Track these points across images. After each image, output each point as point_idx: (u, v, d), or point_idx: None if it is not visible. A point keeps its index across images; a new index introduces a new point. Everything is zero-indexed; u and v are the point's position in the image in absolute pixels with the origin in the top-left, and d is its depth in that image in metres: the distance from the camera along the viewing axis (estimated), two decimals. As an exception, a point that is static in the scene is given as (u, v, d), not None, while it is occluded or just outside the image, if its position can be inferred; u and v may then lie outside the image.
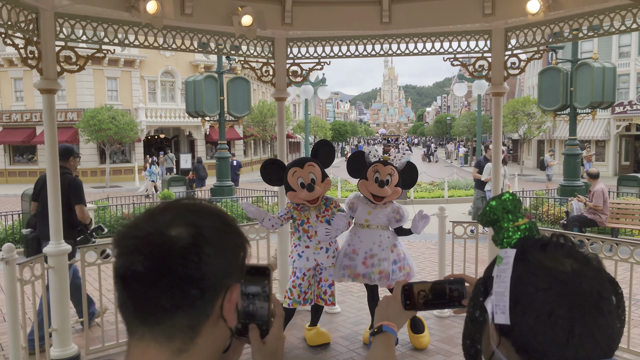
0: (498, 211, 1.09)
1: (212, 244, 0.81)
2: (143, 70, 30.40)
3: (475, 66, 5.46)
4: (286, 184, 4.58)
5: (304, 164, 4.56)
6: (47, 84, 4.32)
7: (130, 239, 0.80)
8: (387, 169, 4.51)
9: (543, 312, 0.82)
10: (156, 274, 0.77)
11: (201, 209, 0.86)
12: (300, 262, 4.61)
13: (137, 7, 4.23)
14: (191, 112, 14.08)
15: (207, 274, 0.80)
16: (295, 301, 4.58)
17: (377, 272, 4.48)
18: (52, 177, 4.40)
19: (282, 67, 5.68)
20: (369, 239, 4.55)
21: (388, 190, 4.45)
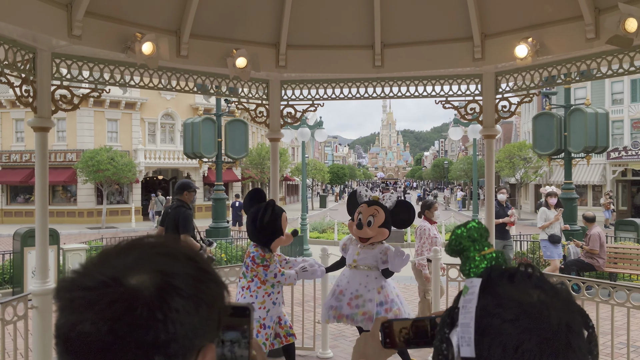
0: (464, 240, 1.07)
1: (183, 297, 0.66)
2: (144, 112, 30.81)
3: (467, 109, 5.53)
4: (280, 229, 4.47)
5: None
6: (40, 122, 4.35)
7: (77, 290, 0.64)
8: (370, 210, 4.48)
9: (510, 345, 0.78)
10: (110, 337, 0.61)
11: (170, 250, 0.71)
12: (276, 309, 4.43)
13: (133, 49, 4.32)
14: (189, 153, 14.17)
15: (176, 336, 0.64)
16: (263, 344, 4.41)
17: (360, 314, 4.39)
18: (40, 218, 4.36)
19: (276, 108, 5.75)
20: (355, 280, 4.51)
21: (368, 231, 4.41)
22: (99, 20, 4.32)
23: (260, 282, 4.40)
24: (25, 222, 27.35)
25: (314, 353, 5.71)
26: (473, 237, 1.06)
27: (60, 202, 29.80)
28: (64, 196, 29.86)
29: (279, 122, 5.77)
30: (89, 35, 4.23)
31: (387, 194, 4.72)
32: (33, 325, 4.23)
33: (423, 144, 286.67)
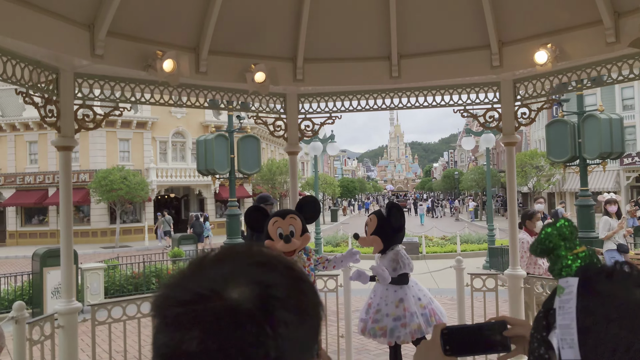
0: (554, 239, 1.03)
1: (288, 309, 0.61)
2: (155, 131, 31.08)
3: (486, 117, 5.51)
4: (266, 232, 4.58)
5: (285, 216, 4.56)
6: (64, 141, 4.39)
7: (176, 306, 0.60)
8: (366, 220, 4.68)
9: (620, 346, 0.74)
10: (220, 355, 0.56)
11: (267, 259, 0.66)
12: None
13: (154, 66, 4.36)
14: (202, 170, 14.21)
15: (285, 352, 0.60)
16: None
17: (377, 328, 4.40)
18: (65, 237, 4.39)
19: (294, 122, 5.76)
20: (378, 293, 4.55)
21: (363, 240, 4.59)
22: (120, 40, 4.37)
23: None
24: (39, 243, 27.53)
25: (338, 368, 5.63)
26: (564, 236, 1.03)
27: (74, 223, 29.98)
28: (77, 216, 30.06)
29: (297, 135, 5.77)
30: (111, 54, 4.28)
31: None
32: (59, 345, 4.22)
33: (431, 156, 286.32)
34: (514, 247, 5.44)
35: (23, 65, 3.88)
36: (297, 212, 4.72)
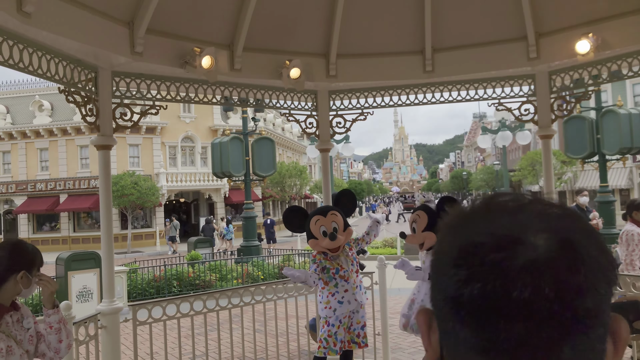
0: None
1: (590, 260, 0.55)
2: (164, 136, 31.14)
3: (521, 110, 5.44)
4: (308, 232, 4.59)
5: (326, 213, 4.57)
6: (103, 140, 4.36)
7: (489, 253, 0.54)
8: (412, 217, 4.57)
9: None
10: (556, 304, 0.51)
11: (557, 209, 0.59)
12: (343, 308, 4.54)
13: (192, 63, 4.34)
14: (217, 172, 14.21)
15: (603, 303, 0.55)
16: (332, 350, 4.52)
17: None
18: (106, 237, 4.36)
19: (325, 118, 5.71)
20: (422, 289, 4.50)
21: (412, 238, 4.51)
22: (159, 37, 4.35)
23: (323, 282, 4.59)
24: (51, 250, 27.59)
25: (375, 366, 5.57)
26: None
27: (85, 229, 30.09)
28: (89, 223, 30.14)
29: (329, 132, 5.72)
30: (149, 51, 4.26)
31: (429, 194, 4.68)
32: (102, 345, 4.18)
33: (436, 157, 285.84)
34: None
35: (64, 63, 3.85)
36: (337, 208, 4.71)
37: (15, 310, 2.28)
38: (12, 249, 2.27)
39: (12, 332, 2.18)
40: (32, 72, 3.56)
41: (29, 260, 2.25)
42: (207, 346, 4.78)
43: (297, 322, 5.42)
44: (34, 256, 2.28)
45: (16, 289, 2.20)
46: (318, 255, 4.63)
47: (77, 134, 29.64)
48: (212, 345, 6.29)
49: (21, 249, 2.29)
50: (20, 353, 2.18)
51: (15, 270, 2.20)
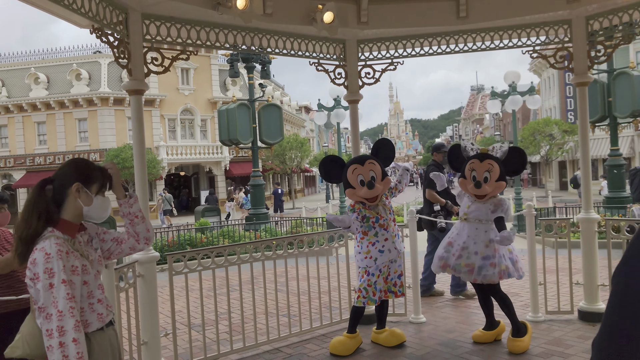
0: None
1: None
2: (163, 109, 30.78)
3: (556, 57, 5.31)
4: (345, 181, 4.52)
5: (364, 162, 4.49)
6: (135, 84, 4.21)
7: None
8: (484, 166, 4.35)
9: None
10: None
11: None
12: (384, 257, 4.52)
13: (226, 4, 4.17)
14: (224, 140, 14.04)
15: None
16: (371, 299, 4.51)
17: (463, 265, 4.33)
18: (140, 181, 4.26)
19: (354, 69, 5.57)
20: (464, 232, 4.44)
21: (487, 188, 4.30)
22: (191, -25, 4.17)
23: (362, 233, 4.55)
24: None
25: (406, 318, 5.55)
26: None
27: (85, 203, 29.93)
28: (90, 196, 29.97)
29: (358, 83, 5.58)
30: (182, -10, 4.09)
31: (498, 145, 4.54)
32: (140, 293, 4.12)
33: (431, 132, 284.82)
34: (587, 190, 5.29)
35: (98, 1, 3.68)
36: (374, 157, 4.61)
37: (84, 230, 2.18)
38: (70, 165, 2.16)
39: (85, 252, 2.09)
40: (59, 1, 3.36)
41: (85, 175, 2.12)
42: (241, 300, 4.73)
43: (318, 282, 5.35)
44: (92, 171, 2.15)
45: (77, 206, 2.10)
46: (357, 204, 4.55)
47: (75, 107, 29.24)
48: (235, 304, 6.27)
49: (78, 163, 2.16)
50: (94, 273, 2.10)
51: (70, 185, 2.09)
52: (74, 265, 2.00)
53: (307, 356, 4.64)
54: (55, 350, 1.85)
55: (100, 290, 2.12)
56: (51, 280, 1.91)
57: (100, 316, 2.09)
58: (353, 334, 4.65)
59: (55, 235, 2.01)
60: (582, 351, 4.33)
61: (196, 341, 5.02)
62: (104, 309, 2.12)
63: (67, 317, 1.88)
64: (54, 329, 1.87)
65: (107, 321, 2.13)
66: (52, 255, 1.93)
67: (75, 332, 1.88)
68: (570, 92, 32.10)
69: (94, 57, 30.16)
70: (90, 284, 2.08)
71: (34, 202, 2.06)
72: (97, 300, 2.10)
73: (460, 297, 6.39)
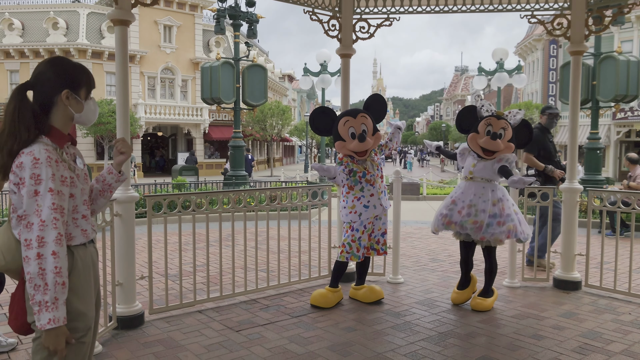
0: None
1: None
2: (143, 66, 29.96)
3: (554, 24, 5.24)
4: (335, 134, 4.43)
5: (356, 114, 4.41)
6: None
7: None
8: (500, 123, 4.33)
9: None
10: None
11: None
12: (369, 212, 4.47)
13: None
14: (207, 98, 13.72)
15: None
16: (355, 255, 4.50)
17: (471, 222, 4.29)
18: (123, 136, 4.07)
19: (348, 21, 5.40)
20: (469, 190, 4.41)
21: (500, 144, 4.25)
22: None
23: (348, 187, 4.50)
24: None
25: (384, 278, 5.55)
26: None
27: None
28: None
29: (352, 36, 5.42)
30: None
31: (514, 111, 4.49)
32: (117, 232, 3.99)
33: (412, 112, 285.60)
34: (573, 161, 5.31)
35: None
36: (366, 111, 4.52)
37: (72, 144, 2.03)
38: (51, 68, 1.95)
39: (72, 165, 1.94)
40: None
41: (71, 79, 1.95)
42: (220, 254, 4.63)
43: (299, 241, 5.29)
44: (78, 74, 1.97)
45: (67, 113, 1.94)
46: (345, 157, 4.47)
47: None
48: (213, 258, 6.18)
49: (61, 66, 1.95)
50: (80, 187, 1.96)
51: (57, 91, 1.91)
52: (63, 175, 1.85)
53: (285, 307, 4.60)
54: (32, 262, 1.72)
55: (85, 206, 1.99)
56: (37, 187, 1.76)
57: (84, 232, 1.97)
58: (335, 288, 4.62)
59: (45, 142, 1.86)
60: (556, 315, 4.39)
61: (172, 289, 4.94)
62: (88, 225, 1.99)
63: (50, 228, 1.75)
64: (33, 239, 1.73)
65: (90, 238, 2.01)
66: (42, 161, 1.78)
67: (56, 245, 1.75)
68: (553, 78, 32.35)
69: (73, 6, 29.01)
70: (77, 198, 1.94)
71: (18, 112, 1.86)
72: (81, 215, 1.97)
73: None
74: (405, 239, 8.16)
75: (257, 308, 4.59)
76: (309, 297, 4.79)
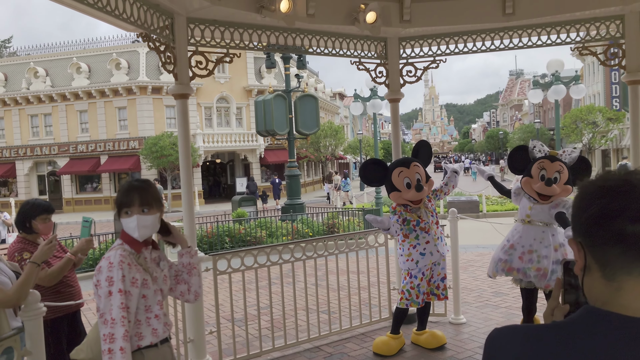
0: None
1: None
2: (199, 97, 31.20)
3: (607, 54, 5.12)
4: (390, 185, 4.47)
5: (409, 164, 4.45)
6: (181, 88, 4.29)
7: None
8: (554, 166, 4.24)
9: None
10: None
11: None
12: (425, 260, 4.49)
13: (269, 7, 4.17)
14: (261, 131, 14.15)
15: None
16: (414, 302, 4.51)
17: (534, 269, 4.20)
18: (185, 174, 4.35)
19: (395, 67, 5.51)
20: (529, 235, 4.31)
21: (556, 188, 4.17)
22: (235, -20, 4.18)
23: (403, 235, 4.54)
24: (94, 209, 28.45)
25: (445, 319, 5.53)
26: None
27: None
28: (130, 183, 30.79)
29: (399, 81, 5.53)
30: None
31: (569, 150, 4.43)
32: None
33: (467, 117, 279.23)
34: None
35: (140, 5, 3.75)
36: (417, 159, 4.58)
37: (155, 249, 2.27)
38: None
39: (149, 268, 2.17)
40: (110, 12, 3.44)
41: (117, 201, 2.28)
42: (282, 295, 4.81)
43: (358, 277, 5.37)
44: (119, 196, 2.27)
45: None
46: (398, 207, 4.54)
47: (115, 96, 29.95)
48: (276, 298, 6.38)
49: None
50: (154, 289, 2.17)
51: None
52: (135, 277, 2.09)
53: (348, 355, 4.69)
54: (105, 356, 1.96)
55: (159, 306, 2.20)
56: (110, 288, 2.02)
57: (154, 332, 2.17)
58: (397, 334, 4.68)
59: (123, 247, 2.12)
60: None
61: (238, 337, 5.15)
62: (160, 325, 2.19)
63: (119, 325, 1.99)
64: (107, 334, 1.97)
65: (161, 338, 2.21)
66: (115, 264, 2.05)
67: (123, 341, 1.98)
68: (615, 78, 30.85)
69: (133, 46, 30.74)
70: (149, 299, 2.16)
71: None
72: (154, 315, 2.17)
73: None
74: (465, 269, 8.05)
75: (320, 357, 4.71)
76: (371, 342, 4.86)
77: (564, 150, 4.39)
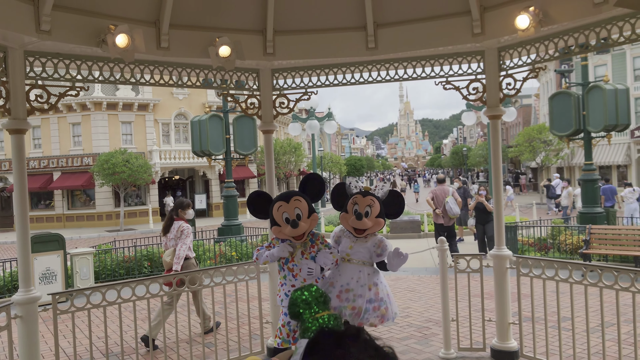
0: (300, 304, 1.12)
1: None
2: (157, 113, 30.89)
3: (469, 89, 5.19)
4: (271, 219, 4.34)
5: (290, 199, 4.30)
6: (15, 124, 4.17)
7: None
8: (366, 200, 4.21)
9: None
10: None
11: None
12: (287, 302, 4.31)
13: (107, 41, 4.10)
14: (197, 151, 14.02)
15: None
16: (285, 340, 4.33)
17: (349, 308, 4.16)
18: (21, 223, 4.19)
19: (268, 98, 5.48)
20: (347, 274, 4.26)
21: (367, 222, 4.15)
22: (70, 14, 4.11)
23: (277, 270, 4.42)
24: (46, 227, 27.71)
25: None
26: (307, 301, 1.18)
27: (79, 207, 30.14)
28: (82, 200, 30.17)
29: (272, 113, 5.50)
30: (59, 29, 4.03)
31: (380, 184, 4.42)
32: (19, 335, 4.07)
33: (442, 132, 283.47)
34: (500, 226, 5.17)
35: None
36: (301, 193, 4.41)
37: None
38: None
39: None
40: None
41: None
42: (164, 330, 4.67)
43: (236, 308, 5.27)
44: None
45: None
46: (274, 240, 4.38)
47: (69, 112, 29.41)
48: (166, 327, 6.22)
49: None
50: None
51: None
52: None
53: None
54: None
55: None
56: None
57: None
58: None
59: None
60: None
61: None
62: None
63: None
64: None
65: None
66: None
67: None
68: (567, 98, 31.67)
69: (89, 61, 30.31)
70: None
71: None
72: None
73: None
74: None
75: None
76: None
77: (376, 186, 4.39)
